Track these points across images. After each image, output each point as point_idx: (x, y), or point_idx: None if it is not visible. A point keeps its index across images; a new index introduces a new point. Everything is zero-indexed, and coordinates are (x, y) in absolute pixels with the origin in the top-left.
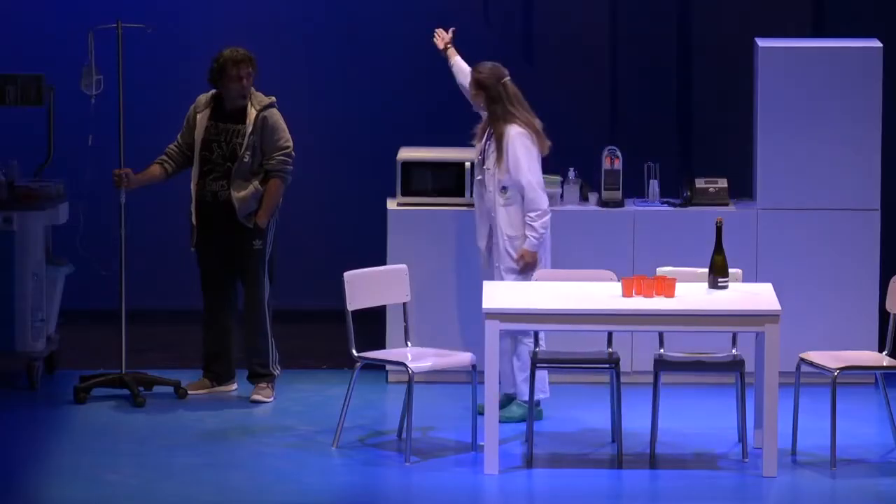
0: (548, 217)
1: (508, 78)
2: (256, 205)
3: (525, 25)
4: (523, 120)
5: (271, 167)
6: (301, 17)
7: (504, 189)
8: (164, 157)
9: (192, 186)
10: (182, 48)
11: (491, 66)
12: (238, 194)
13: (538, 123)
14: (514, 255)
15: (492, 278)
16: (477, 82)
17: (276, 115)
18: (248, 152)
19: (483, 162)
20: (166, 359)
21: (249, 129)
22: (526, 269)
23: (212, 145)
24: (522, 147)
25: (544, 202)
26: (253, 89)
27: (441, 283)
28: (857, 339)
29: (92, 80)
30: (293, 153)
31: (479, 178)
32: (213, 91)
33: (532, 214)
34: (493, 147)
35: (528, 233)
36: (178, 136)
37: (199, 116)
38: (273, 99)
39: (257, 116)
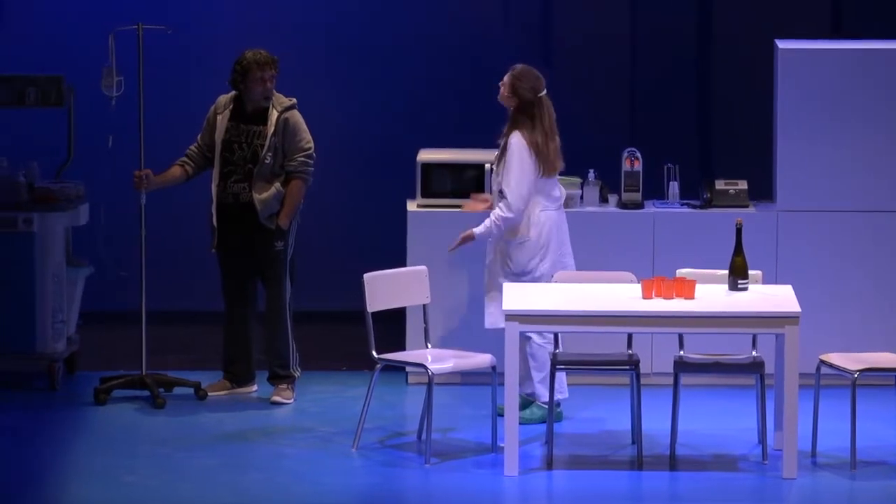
0: (508, 223)
1: (545, 92)
2: (278, 206)
3: (544, 27)
4: (537, 135)
5: (292, 168)
6: (321, 19)
7: (501, 192)
8: (185, 159)
9: (213, 188)
10: (201, 50)
11: (533, 77)
12: (260, 196)
13: (555, 144)
14: (510, 261)
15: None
16: (513, 88)
17: (297, 116)
18: (270, 154)
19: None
20: (185, 360)
21: (271, 130)
22: (460, 244)
23: (233, 146)
24: (518, 158)
25: (517, 210)
26: (274, 91)
27: (461, 284)
28: (878, 341)
29: (112, 81)
30: (314, 154)
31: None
32: (233, 92)
33: (502, 206)
34: (502, 151)
35: (489, 219)
36: (198, 138)
37: (219, 118)
38: (294, 100)
39: (279, 118)
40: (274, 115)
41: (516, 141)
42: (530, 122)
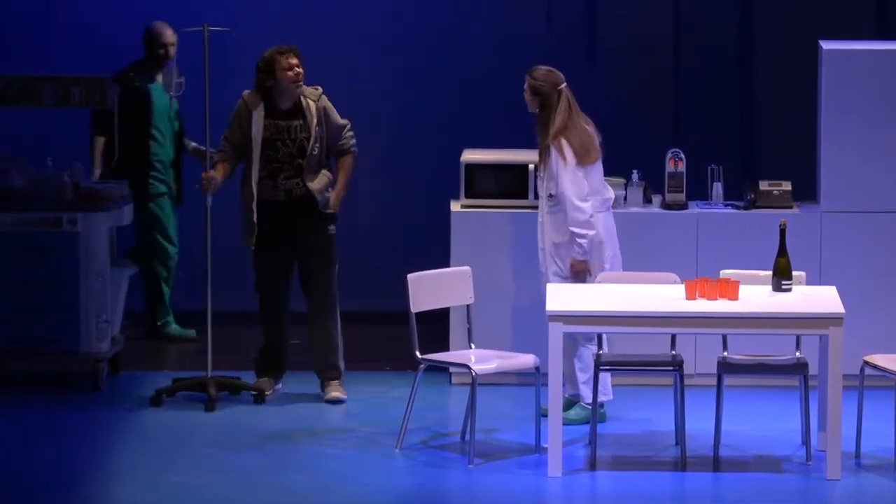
0: (591, 232)
1: (565, 84)
2: (329, 192)
3: (587, 27)
4: (570, 129)
5: (344, 146)
6: (364, 20)
7: (551, 196)
8: (223, 155)
9: (254, 186)
10: (237, 49)
11: (546, 72)
12: (315, 186)
13: (591, 131)
14: (560, 262)
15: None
16: (532, 88)
17: (326, 100)
18: (317, 145)
19: (537, 169)
20: (229, 360)
21: (314, 121)
22: (577, 277)
23: (275, 144)
24: (562, 159)
25: (583, 214)
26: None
27: (504, 284)
28: None
29: (172, 81)
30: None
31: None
32: (253, 90)
33: (573, 229)
34: (543, 154)
35: (573, 243)
36: (227, 134)
37: (254, 115)
38: (320, 88)
39: (317, 108)
40: (312, 106)
41: (557, 144)
42: (555, 115)
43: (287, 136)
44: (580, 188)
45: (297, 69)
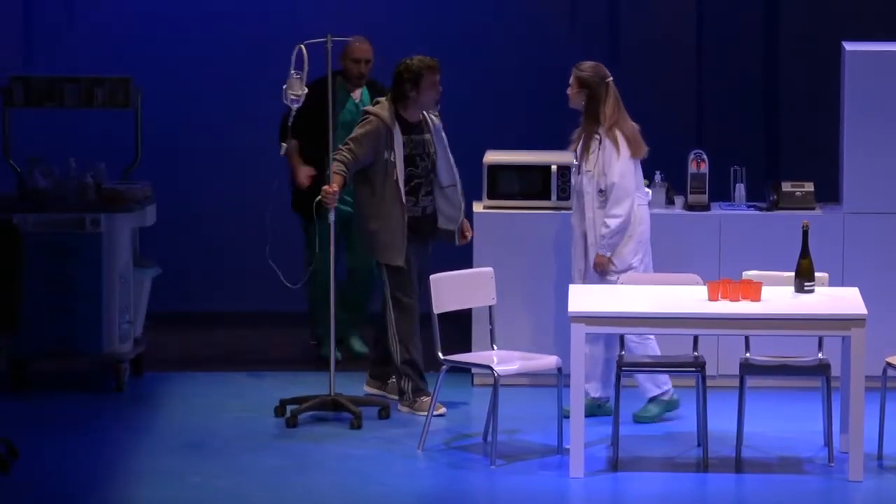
0: (624, 230)
1: (611, 78)
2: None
3: (611, 28)
4: (622, 121)
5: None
6: (386, 21)
7: (601, 192)
8: (343, 168)
9: (403, 201)
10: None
11: (594, 65)
12: (447, 214)
13: (633, 126)
14: (615, 257)
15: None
16: (579, 80)
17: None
18: (440, 161)
19: (580, 166)
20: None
21: (434, 134)
22: (598, 271)
23: (415, 160)
24: (616, 150)
25: (623, 209)
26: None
27: (527, 285)
28: None
29: (298, 91)
30: None
31: (575, 184)
32: (382, 102)
33: (608, 220)
34: (591, 148)
35: (600, 232)
36: (356, 148)
37: (394, 132)
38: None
39: (432, 121)
40: (429, 118)
41: (612, 136)
42: (604, 108)
43: (423, 150)
44: (631, 181)
45: (439, 87)
